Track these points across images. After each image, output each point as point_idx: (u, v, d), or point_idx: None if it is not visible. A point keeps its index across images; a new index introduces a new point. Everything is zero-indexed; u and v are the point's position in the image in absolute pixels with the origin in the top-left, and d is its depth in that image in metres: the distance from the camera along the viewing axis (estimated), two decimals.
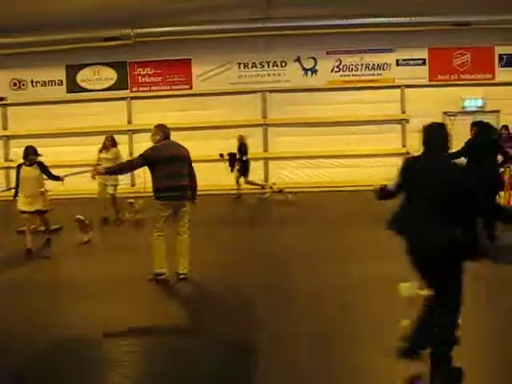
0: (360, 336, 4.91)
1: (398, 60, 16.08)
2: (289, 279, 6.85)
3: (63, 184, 9.40)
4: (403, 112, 16.09)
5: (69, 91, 16.76)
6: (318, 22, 14.88)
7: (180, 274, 6.87)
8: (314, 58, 16.28)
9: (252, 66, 16.44)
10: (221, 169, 14.51)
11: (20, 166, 9.05)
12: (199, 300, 6.38)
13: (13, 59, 16.16)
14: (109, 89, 16.68)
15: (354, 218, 10.89)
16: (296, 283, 6.67)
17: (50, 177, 9.18)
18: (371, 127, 15.97)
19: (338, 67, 16.27)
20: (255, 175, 15.56)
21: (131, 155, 14.20)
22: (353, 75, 16.25)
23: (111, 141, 11.55)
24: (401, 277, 6.38)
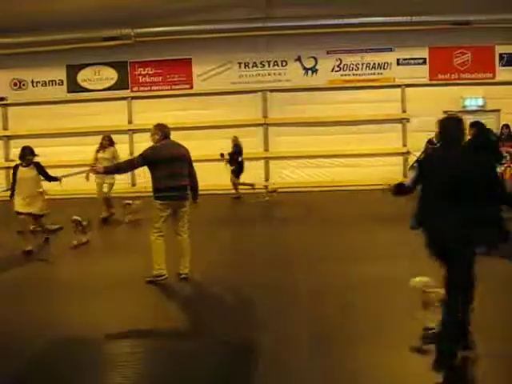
0: (360, 336, 4.91)
1: (399, 59, 16.07)
2: (289, 279, 6.85)
3: (60, 184, 9.33)
4: (404, 111, 16.09)
5: (69, 91, 16.76)
6: (319, 22, 14.88)
7: (181, 274, 6.87)
8: (315, 58, 16.27)
9: (252, 66, 16.43)
10: (221, 168, 14.50)
11: (17, 167, 8.93)
12: (199, 300, 6.38)
13: (13, 59, 16.17)
14: (109, 89, 16.69)
15: (355, 218, 10.87)
16: (296, 283, 6.66)
17: (47, 178, 9.04)
18: (372, 126, 15.97)
19: (339, 67, 16.26)
20: (256, 175, 15.57)
21: (132, 155, 14.20)
22: (353, 75, 16.24)
23: (108, 140, 11.54)
24: (401, 276, 6.38)
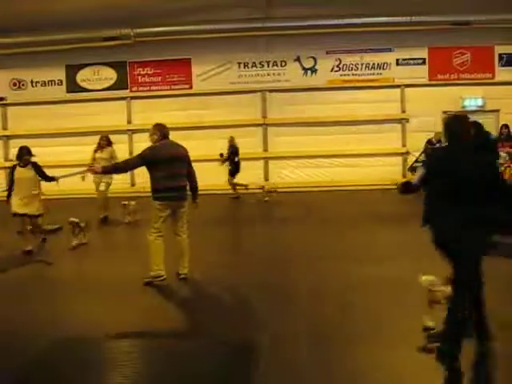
0: (359, 335, 4.91)
1: (398, 59, 16.09)
2: (288, 279, 6.85)
3: (58, 185, 9.27)
4: (403, 111, 16.10)
5: (68, 91, 16.78)
6: (318, 22, 14.90)
7: (180, 274, 6.86)
8: (314, 58, 16.28)
9: (252, 66, 16.44)
10: (221, 169, 14.50)
11: (14, 167, 8.84)
12: (198, 300, 6.37)
13: (12, 59, 16.18)
14: (108, 89, 16.69)
15: (354, 218, 10.88)
16: (295, 283, 6.66)
17: (45, 178, 8.99)
18: (371, 127, 15.98)
19: (338, 67, 16.28)
20: (255, 175, 15.58)
21: (131, 155, 14.18)
22: (352, 75, 16.26)
23: (106, 140, 11.54)
24: (400, 276, 6.39)
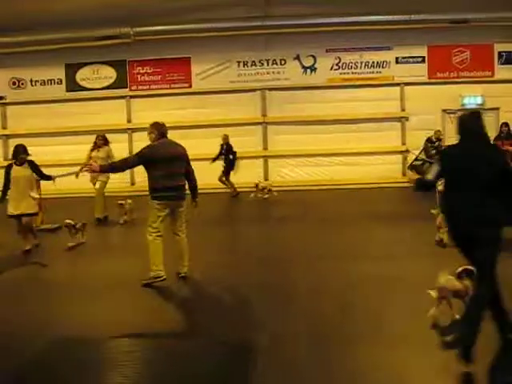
0: (359, 335, 4.91)
1: (398, 58, 16.06)
2: (288, 278, 6.85)
3: (54, 184, 9.25)
4: (403, 110, 16.09)
5: (68, 90, 16.74)
6: (318, 20, 14.90)
7: (180, 274, 6.86)
8: (314, 56, 16.26)
9: (251, 65, 16.42)
10: (220, 167, 14.50)
11: (10, 166, 8.67)
12: (198, 300, 6.38)
13: (12, 58, 16.15)
14: (108, 87, 16.67)
15: (354, 216, 10.87)
16: (295, 282, 6.66)
17: (41, 176, 8.95)
18: (371, 125, 15.97)
19: (338, 65, 16.25)
20: (255, 174, 15.57)
21: (131, 154, 14.16)
22: (352, 73, 16.24)
23: (103, 139, 11.49)
24: (400, 275, 6.39)
